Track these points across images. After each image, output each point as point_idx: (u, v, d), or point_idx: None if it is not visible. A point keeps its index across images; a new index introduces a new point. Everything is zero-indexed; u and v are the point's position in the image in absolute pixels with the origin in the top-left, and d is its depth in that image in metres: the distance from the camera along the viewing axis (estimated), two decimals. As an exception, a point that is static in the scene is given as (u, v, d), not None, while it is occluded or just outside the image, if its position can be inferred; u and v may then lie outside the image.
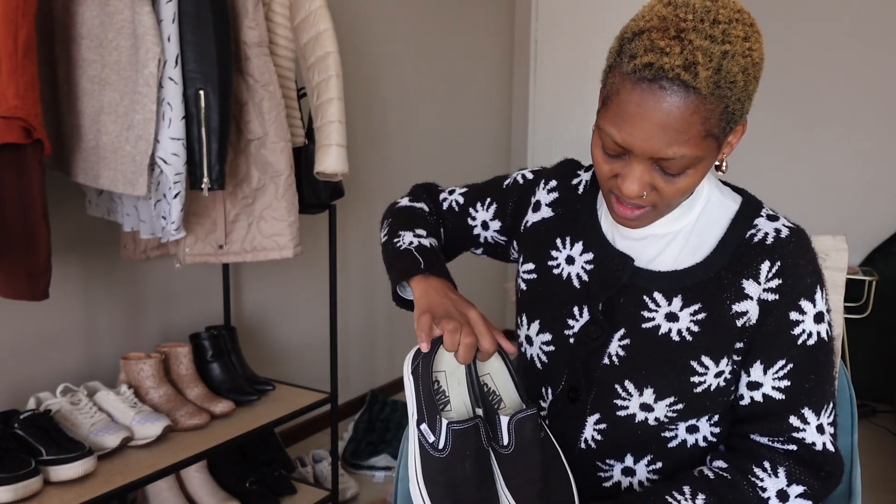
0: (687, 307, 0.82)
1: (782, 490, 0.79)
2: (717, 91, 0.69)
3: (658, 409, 0.82)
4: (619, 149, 0.74)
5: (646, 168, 0.74)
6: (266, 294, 2.34)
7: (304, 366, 2.50)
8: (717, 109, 0.70)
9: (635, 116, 0.70)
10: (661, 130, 0.70)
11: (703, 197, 0.86)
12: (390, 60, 2.82)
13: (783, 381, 0.80)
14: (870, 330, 2.86)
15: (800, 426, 0.80)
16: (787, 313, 0.80)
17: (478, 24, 3.39)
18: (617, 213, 0.80)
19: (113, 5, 1.33)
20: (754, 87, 0.75)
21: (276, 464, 1.97)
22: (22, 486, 1.27)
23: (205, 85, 1.40)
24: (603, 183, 0.80)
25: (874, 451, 2.52)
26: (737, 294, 0.81)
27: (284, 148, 1.61)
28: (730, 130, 0.75)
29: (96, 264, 1.80)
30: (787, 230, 0.83)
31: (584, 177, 0.98)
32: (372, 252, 2.84)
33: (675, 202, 0.79)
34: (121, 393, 1.55)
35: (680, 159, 0.72)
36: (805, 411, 0.80)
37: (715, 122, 0.71)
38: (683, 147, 0.70)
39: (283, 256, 1.66)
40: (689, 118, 0.69)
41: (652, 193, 0.76)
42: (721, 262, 0.83)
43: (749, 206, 0.87)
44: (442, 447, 0.79)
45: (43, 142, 1.22)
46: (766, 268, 0.81)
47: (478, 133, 3.48)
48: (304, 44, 1.66)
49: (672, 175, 0.74)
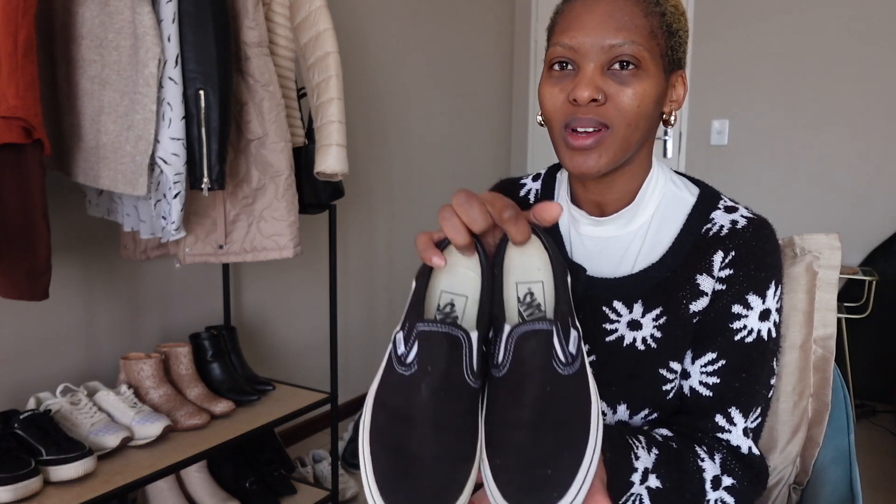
0: (648, 312, 0.80)
1: (717, 476, 0.76)
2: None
3: (635, 422, 0.81)
4: (570, 54, 0.73)
5: (596, 72, 0.73)
6: (266, 294, 2.35)
7: (304, 366, 2.50)
8: (657, 11, 0.74)
9: (581, 15, 0.73)
10: (607, 17, 0.72)
11: (658, 192, 0.83)
12: (390, 60, 2.82)
13: (711, 377, 0.78)
14: (870, 330, 2.86)
15: (725, 426, 0.78)
16: (730, 305, 0.77)
17: (478, 24, 3.39)
18: (572, 147, 0.74)
19: (113, 5, 1.33)
20: (685, 25, 0.78)
21: (276, 464, 1.97)
22: (22, 486, 1.27)
23: (205, 85, 1.40)
24: (556, 121, 0.76)
25: (874, 451, 2.52)
26: (692, 292, 0.78)
27: (284, 148, 1.61)
28: (672, 56, 0.76)
29: (96, 264, 1.80)
30: (744, 220, 0.79)
31: (533, 185, 0.95)
32: (372, 252, 2.85)
33: (631, 126, 0.74)
34: (121, 393, 1.55)
35: (629, 46, 0.71)
36: (732, 411, 0.77)
37: (657, 23, 0.73)
38: (630, 33, 0.72)
39: (283, 256, 1.66)
40: (632, 9, 0.73)
41: (606, 106, 0.73)
42: (677, 260, 0.80)
43: (705, 199, 0.83)
44: (410, 360, 0.59)
45: (43, 142, 1.22)
46: (719, 258, 0.78)
47: (478, 133, 3.48)
48: (304, 44, 1.67)
49: (622, 79, 0.73)
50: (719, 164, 3.27)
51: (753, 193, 3.19)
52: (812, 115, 3.10)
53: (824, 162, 3.10)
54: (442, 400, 0.58)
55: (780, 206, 3.17)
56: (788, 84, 3.14)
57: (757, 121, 3.22)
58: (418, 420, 0.57)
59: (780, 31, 3.13)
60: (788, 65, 3.12)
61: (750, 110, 3.23)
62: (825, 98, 3.06)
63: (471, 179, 3.41)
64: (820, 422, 0.97)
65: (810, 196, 3.13)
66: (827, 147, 3.09)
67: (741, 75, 3.22)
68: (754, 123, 3.23)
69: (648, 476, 0.72)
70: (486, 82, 3.51)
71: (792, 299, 0.99)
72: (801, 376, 0.98)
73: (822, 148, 3.10)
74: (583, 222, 0.85)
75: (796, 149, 3.15)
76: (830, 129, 3.07)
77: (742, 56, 3.21)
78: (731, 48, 3.22)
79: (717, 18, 3.20)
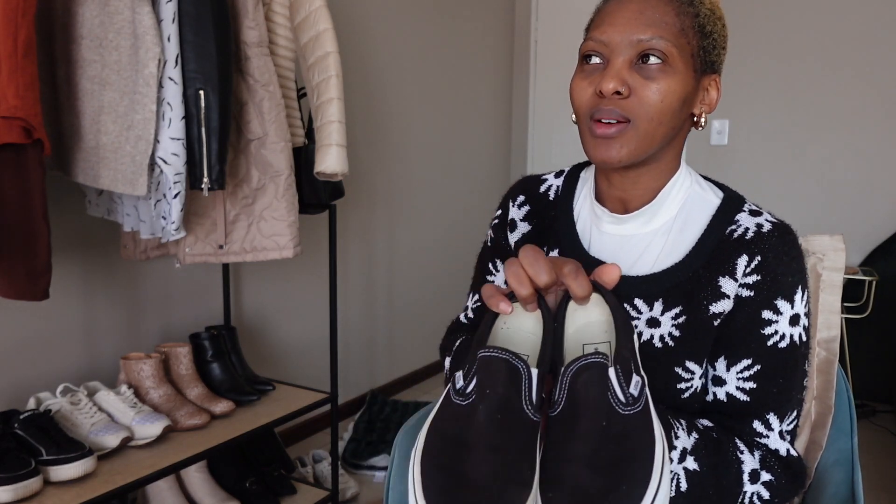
0: (668, 311, 0.80)
1: (755, 470, 0.76)
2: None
3: None
4: (600, 47, 0.76)
5: (623, 66, 0.75)
6: (266, 294, 2.34)
7: (304, 366, 2.50)
8: (690, 12, 0.75)
9: (613, 12, 0.76)
10: (638, 13, 0.74)
11: (683, 193, 0.84)
12: (390, 60, 2.82)
13: (748, 382, 0.77)
14: (870, 330, 2.86)
15: (763, 431, 0.78)
16: (761, 311, 0.77)
17: (478, 24, 3.39)
18: (595, 135, 0.76)
19: (113, 5, 1.33)
20: (722, 31, 0.79)
21: (276, 464, 1.97)
22: (22, 486, 1.27)
23: (205, 85, 1.40)
24: (583, 113, 0.78)
25: (874, 451, 2.52)
26: (714, 294, 0.78)
27: (284, 148, 1.61)
28: (705, 57, 0.77)
29: (96, 264, 1.80)
30: (769, 224, 0.79)
31: (554, 182, 0.96)
32: (372, 252, 2.84)
33: (654, 121, 0.75)
34: (121, 393, 1.55)
35: (657, 41, 0.73)
36: (770, 416, 0.77)
37: (689, 23, 0.75)
38: (659, 30, 0.74)
39: (283, 256, 1.66)
40: (664, 7, 0.75)
41: (629, 100, 0.74)
42: (700, 260, 0.80)
43: (731, 202, 0.84)
44: (469, 390, 0.57)
45: (43, 142, 1.22)
46: (744, 262, 0.78)
47: (478, 133, 3.48)
48: (304, 44, 1.66)
49: (649, 73, 0.74)
50: (719, 164, 3.27)
51: (753, 193, 3.19)
52: (812, 115, 3.10)
53: (824, 162, 3.10)
54: (499, 424, 0.55)
55: (781, 206, 3.16)
56: (788, 84, 3.13)
57: (757, 121, 3.22)
58: (473, 442, 0.55)
59: (781, 31, 3.13)
60: (788, 65, 3.12)
61: (750, 110, 3.23)
62: (825, 98, 3.06)
63: (471, 179, 3.41)
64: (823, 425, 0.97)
65: (810, 196, 3.13)
66: (827, 147, 3.08)
67: (741, 75, 3.22)
68: (754, 123, 3.23)
69: (686, 457, 0.72)
70: (487, 82, 3.51)
71: (794, 301, 0.98)
72: (804, 378, 0.98)
73: (822, 148, 3.10)
74: (605, 220, 0.86)
75: (796, 149, 3.15)
76: (830, 129, 3.07)
77: (742, 56, 3.21)
78: (731, 48, 3.22)
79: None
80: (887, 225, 2.97)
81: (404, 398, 2.94)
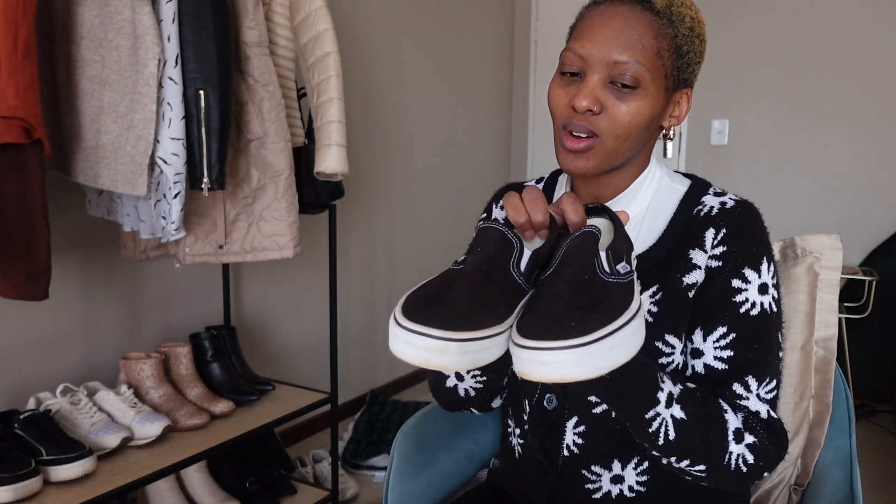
0: (645, 290, 0.83)
1: (739, 429, 0.77)
2: (669, 16, 0.78)
3: None
4: (579, 62, 0.79)
5: (598, 84, 0.78)
6: (266, 294, 2.34)
7: (304, 366, 2.50)
8: (668, 33, 0.78)
9: (595, 26, 0.79)
10: (618, 33, 0.77)
11: (654, 185, 0.88)
12: (390, 60, 2.82)
13: (725, 350, 0.80)
14: (870, 330, 2.86)
15: (743, 393, 0.80)
16: (730, 280, 0.80)
17: (478, 24, 3.39)
18: (566, 147, 0.81)
19: (113, 5, 1.33)
20: (699, 47, 0.82)
21: (276, 464, 1.97)
22: (22, 486, 1.27)
23: (205, 85, 1.40)
24: (557, 120, 0.82)
25: (874, 451, 2.52)
26: (686, 266, 0.82)
27: (284, 148, 1.61)
28: (678, 76, 0.80)
29: (96, 264, 1.80)
30: (732, 202, 0.84)
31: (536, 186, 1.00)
32: (372, 252, 2.84)
33: (620, 139, 0.79)
34: (121, 393, 1.55)
35: (632, 66, 0.76)
36: (749, 379, 0.80)
37: (665, 44, 0.78)
38: (636, 53, 0.76)
39: (283, 256, 1.66)
40: (643, 29, 0.77)
41: (600, 117, 0.78)
42: (671, 240, 0.84)
43: (697, 187, 0.88)
44: (463, 258, 0.64)
45: (43, 142, 1.22)
46: (711, 235, 0.82)
47: (478, 133, 3.48)
48: (304, 44, 1.66)
49: (620, 94, 0.78)
50: (719, 164, 3.27)
51: (753, 193, 3.17)
52: (812, 115, 3.10)
53: (824, 162, 3.10)
54: (484, 272, 0.61)
55: (781, 206, 3.17)
56: (788, 84, 3.13)
57: (757, 121, 3.22)
58: (457, 283, 0.60)
59: (780, 30, 3.13)
60: (788, 65, 3.12)
61: (750, 110, 3.23)
62: (825, 98, 3.06)
63: (471, 179, 3.41)
64: (821, 423, 0.97)
65: (810, 196, 3.13)
66: (827, 147, 3.08)
67: (741, 75, 3.22)
68: (754, 123, 3.23)
69: (673, 403, 0.74)
70: (487, 82, 3.51)
71: (793, 300, 0.99)
72: (803, 378, 0.98)
73: (822, 148, 3.10)
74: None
75: (796, 149, 3.15)
76: (830, 128, 3.07)
77: (742, 56, 3.21)
78: (731, 48, 3.22)
79: (717, 18, 3.19)
80: (887, 225, 2.97)
81: (404, 398, 2.94)
